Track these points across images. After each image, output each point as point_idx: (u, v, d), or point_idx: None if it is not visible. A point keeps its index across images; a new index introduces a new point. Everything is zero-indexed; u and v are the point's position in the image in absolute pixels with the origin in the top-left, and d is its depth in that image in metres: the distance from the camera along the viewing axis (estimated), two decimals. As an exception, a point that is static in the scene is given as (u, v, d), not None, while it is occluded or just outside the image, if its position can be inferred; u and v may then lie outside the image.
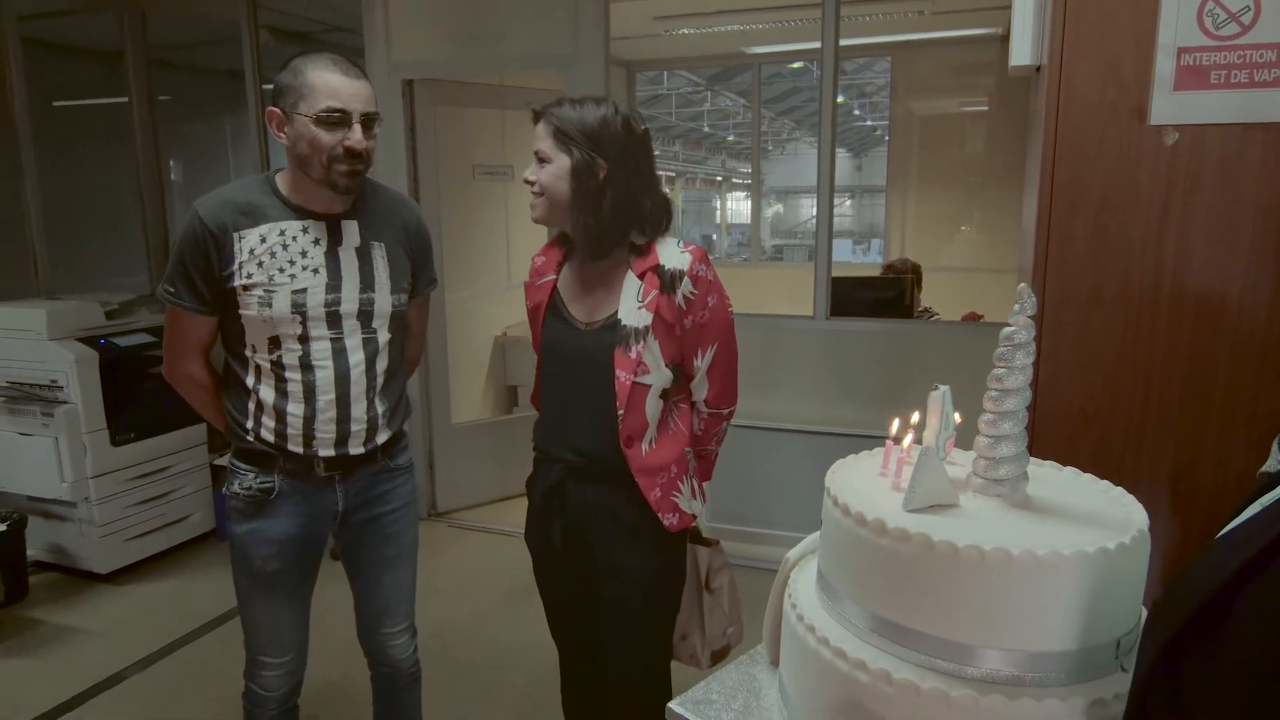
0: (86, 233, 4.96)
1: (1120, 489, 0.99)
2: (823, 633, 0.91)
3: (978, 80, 6.17)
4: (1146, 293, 1.77)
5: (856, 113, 11.77)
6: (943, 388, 0.95)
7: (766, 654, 1.08)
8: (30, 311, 3.69)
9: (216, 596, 3.69)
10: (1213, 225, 1.72)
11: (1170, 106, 1.72)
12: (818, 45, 3.81)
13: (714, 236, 15.63)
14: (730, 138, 14.79)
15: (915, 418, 1.00)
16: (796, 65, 9.98)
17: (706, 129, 13.82)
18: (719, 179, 15.87)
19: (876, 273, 5.24)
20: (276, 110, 1.85)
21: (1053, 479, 1.04)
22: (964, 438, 1.04)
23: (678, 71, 9.19)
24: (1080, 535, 0.88)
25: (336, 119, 1.81)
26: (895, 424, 1.00)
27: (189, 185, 5.59)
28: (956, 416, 0.95)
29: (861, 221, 13.69)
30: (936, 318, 4.66)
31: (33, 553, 3.84)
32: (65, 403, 3.66)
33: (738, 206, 16.35)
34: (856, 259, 10.84)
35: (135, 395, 3.92)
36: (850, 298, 4.15)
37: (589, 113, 1.79)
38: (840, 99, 3.78)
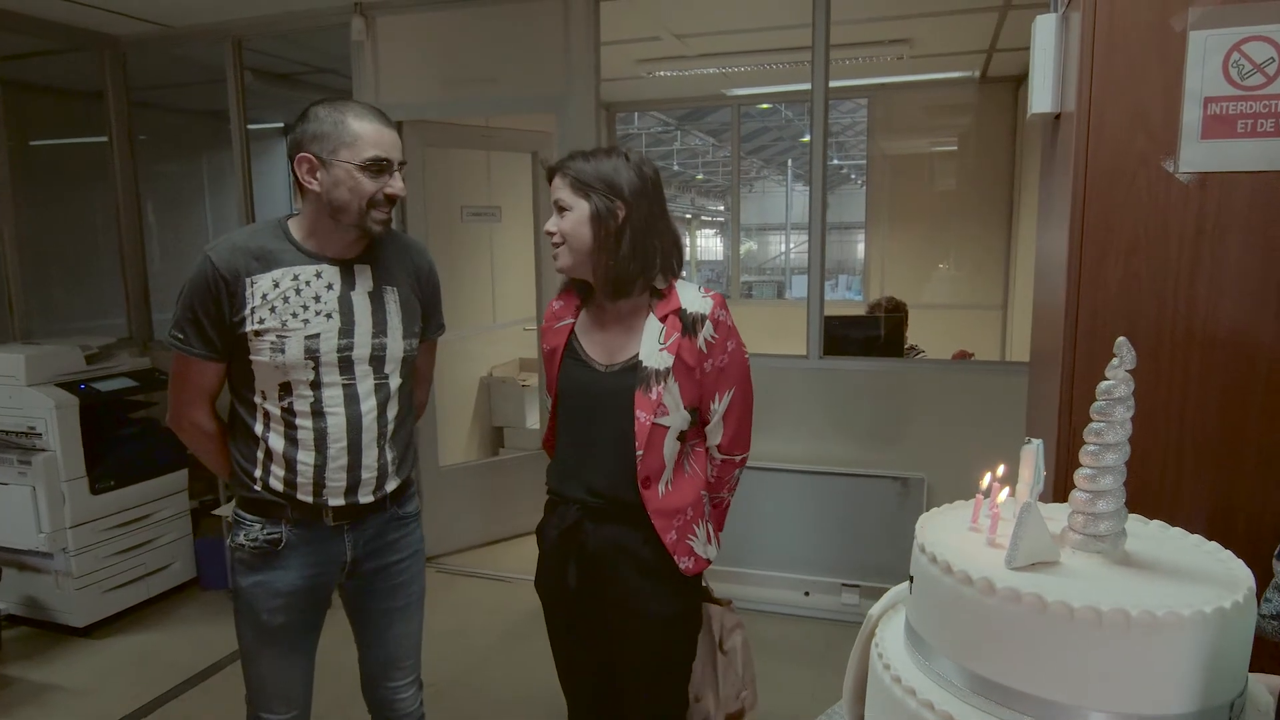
0: (62, 274, 4.85)
1: (1214, 543, 0.98)
2: (925, 695, 0.88)
3: (953, 121, 6.30)
4: (1179, 335, 1.78)
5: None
6: (1036, 441, 0.94)
7: (846, 713, 1.05)
8: (8, 356, 3.58)
9: (200, 649, 3.56)
10: (1244, 269, 1.73)
11: (1199, 154, 1.74)
12: (795, 87, 3.86)
13: (684, 274, 15.71)
14: (700, 176, 14.94)
15: (1001, 470, 0.98)
16: (765, 106, 10.13)
17: (676, 167, 13.95)
18: (688, 216, 16.00)
19: (855, 309, 5.27)
20: (309, 155, 1.82)
21: (1143, 532, 1.02)
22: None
23: (649, 111, 9.28)
24: (1192, 594, 0.86)
25: (381, 167, 1.83)
26: (986, 478, 0.99)
27: (163, 226, 5.49)
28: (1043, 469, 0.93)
29: (831, 257, 13.95)
30: (923, 355, 4.68)
31: (4, 606, 3.69)
32: (44, 450, 3.54)
33: (707, 244, 16.47)
34: (826, 294, 10.97)
35: (116, 441, 3.82)
36: (839, 337, 4.17)
37: (601, 161, 1.84)
38: (805, 138, 3.82)
